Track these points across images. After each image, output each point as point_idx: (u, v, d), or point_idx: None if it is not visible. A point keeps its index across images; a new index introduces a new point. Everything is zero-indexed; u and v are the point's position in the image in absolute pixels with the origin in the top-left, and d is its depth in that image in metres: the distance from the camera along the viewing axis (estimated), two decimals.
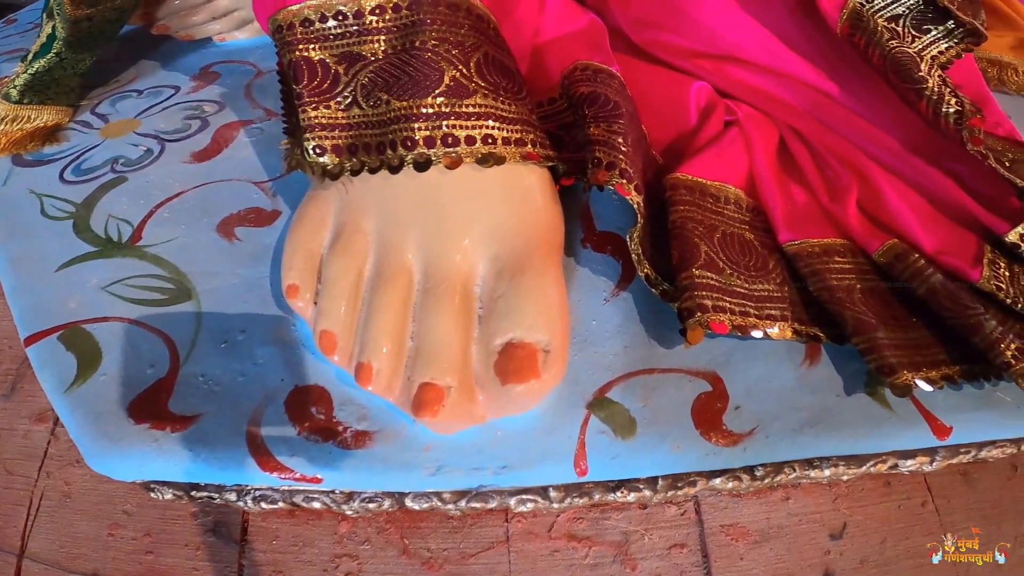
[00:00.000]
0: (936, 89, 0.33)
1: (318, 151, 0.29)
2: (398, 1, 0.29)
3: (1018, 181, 0.33)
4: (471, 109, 0.28)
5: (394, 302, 0.27)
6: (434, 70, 0.28)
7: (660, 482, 0.29)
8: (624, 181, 0.28)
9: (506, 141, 0.28)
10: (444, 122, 0.27)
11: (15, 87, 0.42)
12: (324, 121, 0.29)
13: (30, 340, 0.30)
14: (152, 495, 0.29)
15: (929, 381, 0.29)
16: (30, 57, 0.44)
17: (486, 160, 0.28)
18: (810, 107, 0.41)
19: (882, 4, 0.36)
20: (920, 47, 0.35)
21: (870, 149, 0.40)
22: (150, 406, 0.27)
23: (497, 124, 0.28)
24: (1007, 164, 0.38)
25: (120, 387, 0.28)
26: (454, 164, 0.27)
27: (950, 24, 0.35)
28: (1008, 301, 0.32)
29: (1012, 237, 0.33)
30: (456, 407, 0.26)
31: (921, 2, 0.35)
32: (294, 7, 0.30)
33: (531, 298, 0.27)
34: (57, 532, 0.30)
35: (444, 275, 0.27)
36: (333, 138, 0.29)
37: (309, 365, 0.29)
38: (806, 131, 0.40)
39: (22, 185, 0.39)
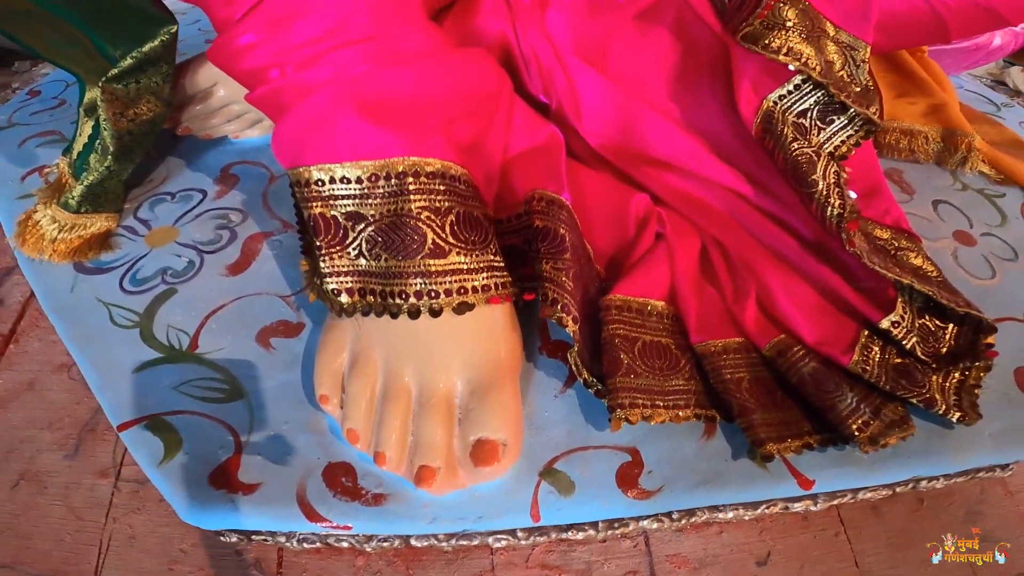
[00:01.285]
0: (824, 192, 0.49)
1: (336, 292, 0.45)
2: (389, 171, 0.44)
3: (889, 275, 0.49)
4: (448, 267, 0.44)
5: (399, 411, 0.43)
6: (419, 234, 0.43)
7: (600, 523, 0.45)
8: (564, 315, 0.44)
9: (475, 290, 0.44)
10: (428, 280, 0.43)
11: (73, 198, 0.57)
12: (340, 268, 0.45)
13: (122, 427, 0.46)
14: (221, 539, 0.45)
15: (789, 449, 0.45)
16: (74, 156, 0.59)
17: (461, 309, 0.44)
18: (729, 209, 0.58)
19: (792, 101, 0.51)
20: (824, 139, 0.51)
21: (776, 247, 0.57)
22: (224, 477, 0.43)
23: (468, 276, 0.44)
24: (894, 253, 0.55)
25: (199, 463, 0.44)
26: (437, 313, 0.43)
27: (851, 112, 0.50)
28: (872, 380, 0.48)
29: (884, 324, 0.50)
30: (444, 481, 0.42)
31: (825, 96, 0.50)
32: (304, 168, 0.46)
33: (494, 409, 0.43)
34: (125, 568, 0.46)
35: (433, 393, 0.44)
36: (347, 282, 0.45)
37: (338, 448, 0.45)
38: (723, 237, 0.57)
39: (88, 293, 0.54)
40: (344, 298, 0.45)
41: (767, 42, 0.49)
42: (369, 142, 0.44)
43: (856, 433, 0.45)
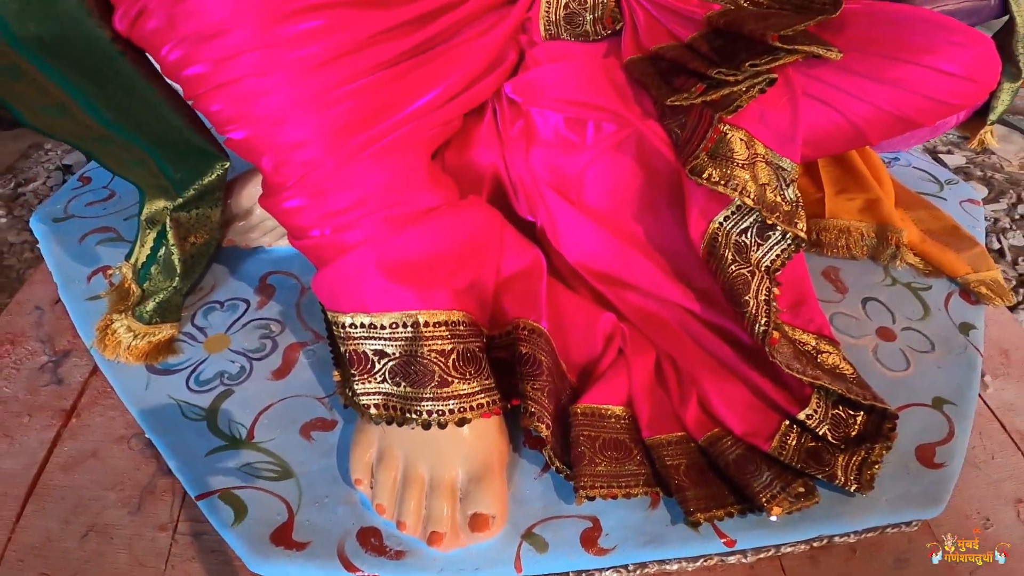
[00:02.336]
0: (754, 311, 0.70)
1: (366, 406, 0.65)
2: (406, 320, 0.64)
3: (805, 378, 0.69)
4: (451, 393, 0.63)
5: (415, 493, 0.63)
6: (428, 371, 0.63)
7: (571, 574, 0.65)
8: (539, 423, 0.63)
9: (472, 408, 0.64)
10: (436, 402, 0.63)
11: (146, 312, 0.77)
12: (368, 389, 0.65)
13: (199, 497, 0.65)
14: None
15: (715, 517, 0.65)
16: (138, 265, 0.80)
17: (461, 422, 0.63)
18: (680, 322, 0.79)
19: (734, 221, 0.72)
20: (762, 255, 0.72)
21: (717, 354, 0.77)
22: (281, 537, 0.62)
23: (467, 399, 0.64)
24: (815, 356, 0.76)
25: (261, 526, 0.63)
26: (443, 426, 0.63)
27: (785, 225, 0.70)
28: (787, 462, 0.68)
29: (801, 416, 0.70)
30: (449, 542, 0.62)
31: (760, 216, 0.70)
32: (340, 313, 0.66)
33: (486, 492, 0.63)
34: None
35: (441, 480, 0.64)
36: (375, 399, 0.65)
37: (368, 516, 0.64)
38: (673, 351, 0.77)
39: (161, 391, 0.74)
40: (372, 411, 0.65)
41: (710, 174, 0.69)
42: (391, 298, 0.64)
43: (765, 504, 0.64)
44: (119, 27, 0.63)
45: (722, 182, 0.69)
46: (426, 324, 0.65)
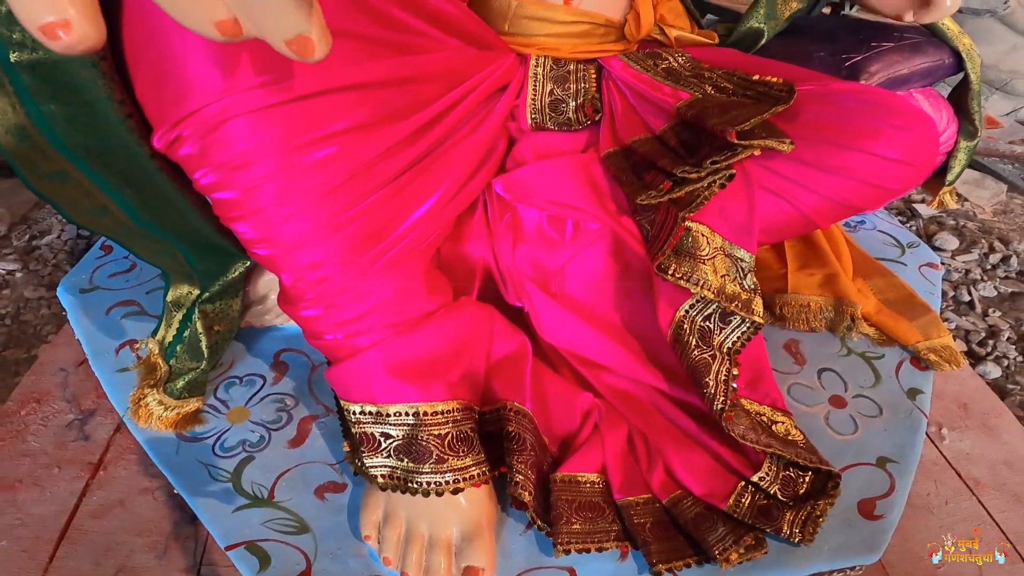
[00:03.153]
0: (713, 392, 0.83)
1: (373, 476, 0.78)
2: (408, 410, 0.78)
3: (758, 447, 0.83)
4: (447, 468, 0.77)
5: (417, 548, 0.77)
6: (427, 451, 0.77)
7: None
8: (523, 491, 0.77)
9: (465, 479, 0.77)
10: (434, 476, 0.77)
11: (176, 388, 0.91)
12: (376, 463, 0.78)
13: (228, 548, 0.78)
14: None
15: (675, 568, 0.78)
16: (164, 344, 0.93)
17: (456, 492, 0.77)
18: (650, 399, 0.93)
19: (698, 309, 0.86)
20: (724, 337, 0.86)
21: (682, 426, 0.91)
22: None
23: (461, 472, 0.78)
24: (769, 425, 0.89)
25: (283, 573, 0.76)
26: (440, 494, 0.76)
27: (743, 313, 0.84)
28: (740, 518, 0.81)
29: (754, 478, 0.83)
30: None
31: (721, 301, 0.84)
32: (352, 403, 0.80)
33: (477, 548, 0.77)
34: None
35: (438, 539, 0.77)
36: (381, 471, 0.78)
37: (376, 567, 0.78)
38: (643, 425, 0.91)
39: (190, 456, 0.88)
40: (380, 480, 0.79)
41: (675, 270, 0.83)
42: (396, 393, 0.78)
43: (719, 555, 0.78)
44: (157, 146, 0.69)
45: (685, 278, 0.83)
46: (425, 413, 0.79)
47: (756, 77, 0.92)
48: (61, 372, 1.12)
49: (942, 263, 1.50)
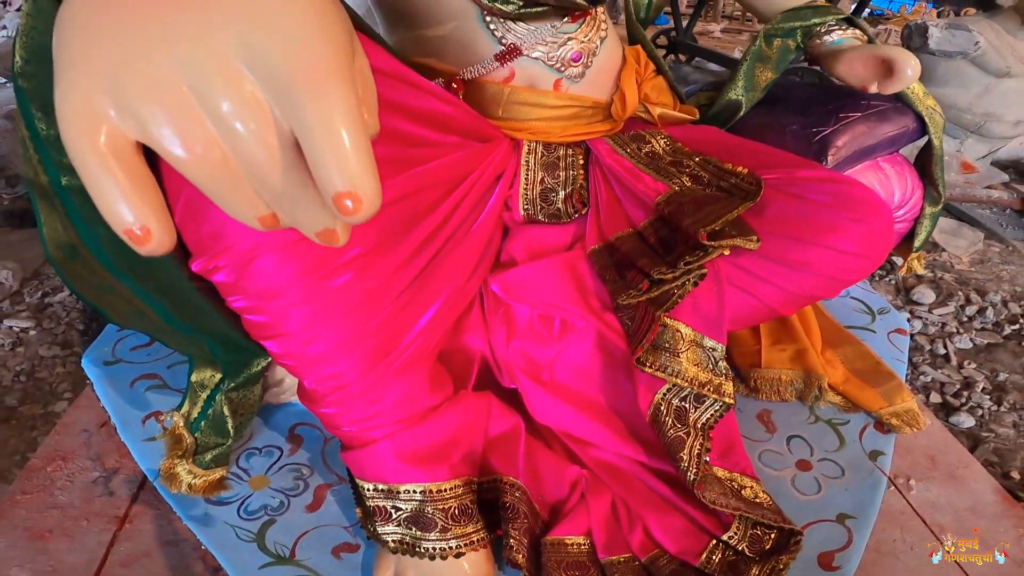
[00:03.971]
0: (687, 465, 0.98)
1: (384, 541, 0.93)
2: (415, 488, 0.91)
3: (727, 510, 0.97)
4: (449, 536, 0.90)
5: None
6: (432, 522, 0.90)
7: None
8: (517, 555, 0.91)
9: (466, 544, 0.90)
10: (438, 543, 0.90)
11: (204, 460, 1.05)
12: (387, 531, 0.92)
13: None
14: None
15: None
16: (190, 419, 1.07)
17: (458, 555, 0.91)
18: (631, 470, 1.07)
19: (675, 392, 1.00)
20: (698, 416, 1.00)
21: (659, 491, 1.05)
22: None
23: (462, 539, 0.90)
24: (739, 490, 1.03)
25: None
26: (444, 558, 0.90)
27: (715, 395, 0.99)
28: (710, 573, 0.95)
29: (724, 537, 0.97)
30: None
31: (694, 388, 0.99)
32: (366, 481, 0.93)
33: None
34: None
35: None
36: (392, 537, 0.92)
37: None
38: (625, 494, 1.05)
39: (218, 517, 1.02)
40: (390, 545, 0.93)
41: (652, 363, 0.98)
42: (405, 475, 0.92)
43: None
44: (195, 270, 0.76)
45: (661, 370, 0.98)
46: (431, 491, 0.92)
47: (728, 166, 1.07)
48: (84, 433, 1.25)
49: (919, 317, 1.65)
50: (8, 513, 1.07)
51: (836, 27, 1.24)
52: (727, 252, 0.94)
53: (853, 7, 5.28)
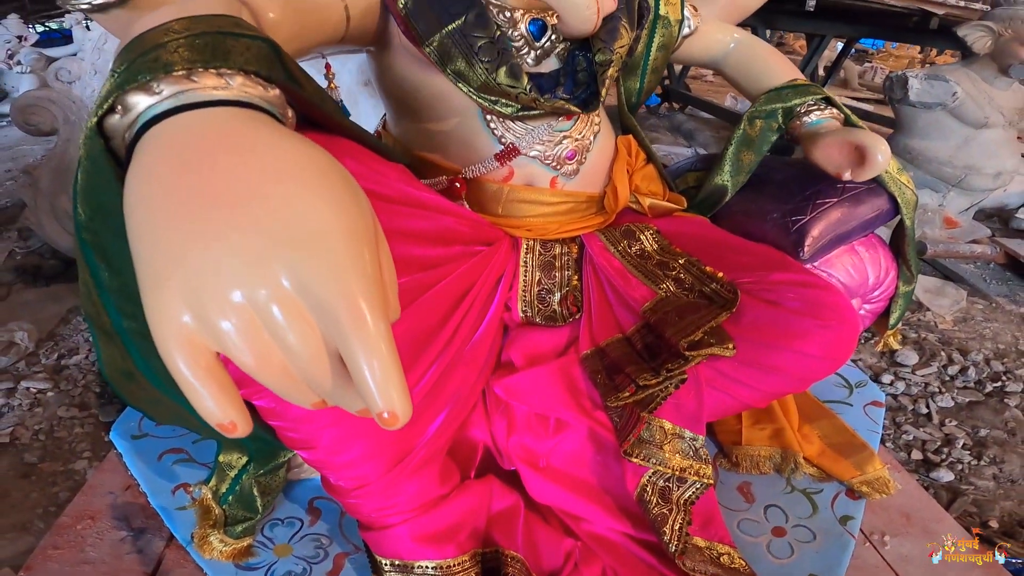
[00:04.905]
0: (668, 538, 1.13)
1: None
2: (427, 563, 1.06)
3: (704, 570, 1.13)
4: None
5: None
6: None
7: None
8: None
9: None
10: None
11: (235, 531, 1.19)
12: None
13: None
14: None
15: None
16: (219, 493, 1.22)
17: None
18: (621, 541, 1.22)
19: (659, 476, 1.16)
20: (680, 494, 1.16)
21: (645, 560, 1.20)
22: None
23: None
24: (717, 557, 1.18)
25: None
26: None
27: (695, 477, 1.15)
28: None
29: None
30: None
31: (676, 472, 1.15)
32: (381, 556, 1.08)
33: None
34: None
35: None
36: None
37: None
38: (615, 565, 1.19)
39: None
40: None
41: (638, 454, 1.13)
42: (418, 553, 1.07)
43: None
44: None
45: (646, 460, 1.13)
46: (441, 567, 1.07)
47: (709, 270, 1.23)
48: (110, 495, 1.38)
49: (903, 378, 1.80)
50: (41, 567, 1.19)
51: (815, 107, 1.37)
52: (705, 359, 1.09)
53: (840, 46, 5.52)
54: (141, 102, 0.58)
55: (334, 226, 0.48)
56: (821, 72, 6.25)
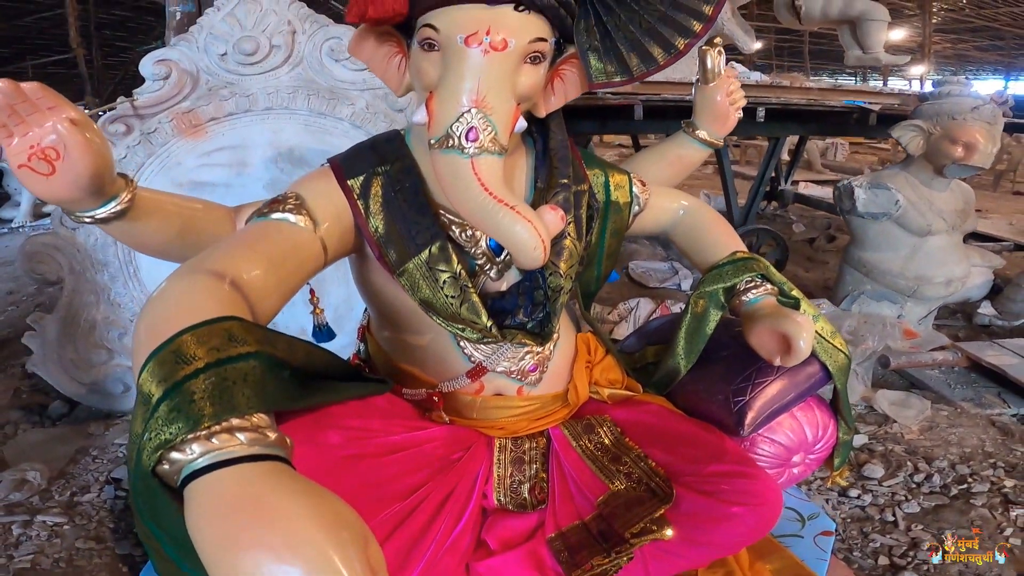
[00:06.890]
0: None
1: None
2: None
3: None
4: None
5: None
6: None
7: None
8: None
9: None
10: None
11: None
12: None
13: None
14: None
15: None
16: None
17: None
18: None
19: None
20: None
21: None
22: None
23: None
24: None
25: None
26: None
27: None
28: None
29: None
30: None
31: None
32: None
33: None
34: None
35: None
36: None
37: None
38: None
39: None
40: None
41: None
42: None
43: None
44: None
45: None
46: None
47: (653, 465, 1.50)
48: None
49: (870, 490, 2.05)
50: None
51: (752, 284, 1.59)
52: (648, 543, 1.35)
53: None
54: (180, 459, 0.80)
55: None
56: (786, 156, 7.07)
